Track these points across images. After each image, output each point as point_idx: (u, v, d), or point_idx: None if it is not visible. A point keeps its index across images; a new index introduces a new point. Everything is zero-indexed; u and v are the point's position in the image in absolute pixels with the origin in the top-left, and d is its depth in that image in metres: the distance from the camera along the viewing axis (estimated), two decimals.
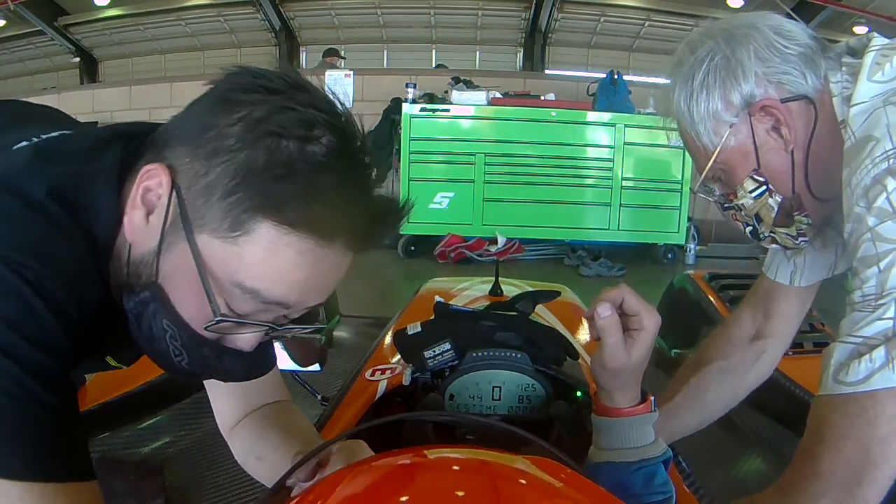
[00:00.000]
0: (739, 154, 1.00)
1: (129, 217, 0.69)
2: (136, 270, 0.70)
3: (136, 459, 1.83)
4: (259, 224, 0.65)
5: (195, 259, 0.66)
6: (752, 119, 0.97)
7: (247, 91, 0.67)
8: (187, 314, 0.69)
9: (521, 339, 1.13)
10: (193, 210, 0.66)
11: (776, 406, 2.12)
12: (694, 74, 0.99)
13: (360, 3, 11.11)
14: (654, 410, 0.91)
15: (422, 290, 2.07)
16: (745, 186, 1.01)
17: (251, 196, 0.64)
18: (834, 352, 0.86)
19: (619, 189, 5.80)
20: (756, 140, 0.98)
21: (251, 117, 0.65)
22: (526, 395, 1.10)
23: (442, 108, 5.75)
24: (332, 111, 0.68)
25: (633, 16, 10.69)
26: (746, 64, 0.96)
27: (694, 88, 0.99)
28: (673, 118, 1.05)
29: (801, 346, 2.20)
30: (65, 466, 0.63)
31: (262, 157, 0.64)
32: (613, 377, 0.88)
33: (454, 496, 0.51)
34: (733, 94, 0.97)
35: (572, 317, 1.68)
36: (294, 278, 0.67)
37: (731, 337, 1.28)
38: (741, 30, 0.99)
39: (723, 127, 0.99)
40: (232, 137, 0.65)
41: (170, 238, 0.67)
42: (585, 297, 2.03)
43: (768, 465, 2.04)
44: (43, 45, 11.61)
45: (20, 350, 0.60)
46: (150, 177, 0.68)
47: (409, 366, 1.14)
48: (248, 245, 0.65)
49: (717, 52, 0.98)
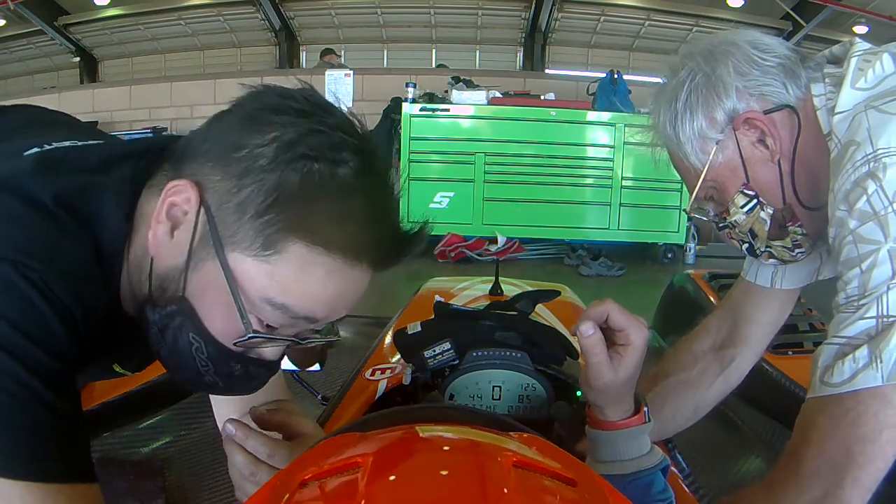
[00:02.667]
0: (728, 170, 1.00)
1: (153, 231, 0.69)
2: (160, 284, 0.71)
3: (136, 459, 1.83)
4: (291, 244, 0.67)
5: (226, 276, 0.67)
6: (737, 133, 0.98)
7: (276, 112, 0.68)
8: (215, 328, 0.70)
9: (521, 338, 1.13)
10: (224, 228, 0.67)
11: (776, 406, 2.13)
12: (677, 96, 1.00)
13: (360, 3, 11.10)
14: (648, 421, 0.89)
15: (422, 289, 2.07)
16: (736, 202, 1.01)
17: (284, 217, 0.66)
18: (821, 354, 0.86)
19: (618, 188, 5.79)
20: (743, 154, 0.99)
21: (283, 139, 0.66)
22: (526, 394, 1.10)
23: (442, 108, 5.75)
24: (357, 133, 0.70)
25: (633, 15, 10.68)
26: (727, 80, 0.97)
27: (678, 110, 1.00)
28: (660, 143, 1.05)
29: (801, 346, 2.21)
30: (66, 468, 0.63)
31: (294, 179, 0.66)
32: (601, 394, 0.86)
33: (439, 475, 0.51)
34: (716, 110, 0.98)
35: (572, 316, 1.68)
36: (323, 295, 0.69)
37: (693, 348, 1.26)
38: (719, 47, 1.00)
39: (709, 144, 0.99)
40: (264, 158, 0.66)
41: (198, 254, 0.69)
42: (585, 297, 2.03)
43: (768, 465, 2.04)
44: (43, 44, 11.60)
45: (24, 351, 0.61)
46: (177, 192, 0.68)
47: (409, 365, 1.14)
48: (280, 263, 0.67)
49: (698, 71, 0.99)
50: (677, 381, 1.21)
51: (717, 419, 2.27)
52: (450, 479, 0.51)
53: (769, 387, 2.11)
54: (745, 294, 1.22)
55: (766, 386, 2.11)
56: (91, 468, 0.66)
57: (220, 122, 0.71)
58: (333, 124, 0.69)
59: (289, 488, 0.51)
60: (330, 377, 2.03)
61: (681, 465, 1.25)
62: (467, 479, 0.50)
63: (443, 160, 5.72)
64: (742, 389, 1.31)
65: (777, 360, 2.15)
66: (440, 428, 0.65)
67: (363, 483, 0.48)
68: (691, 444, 1.82)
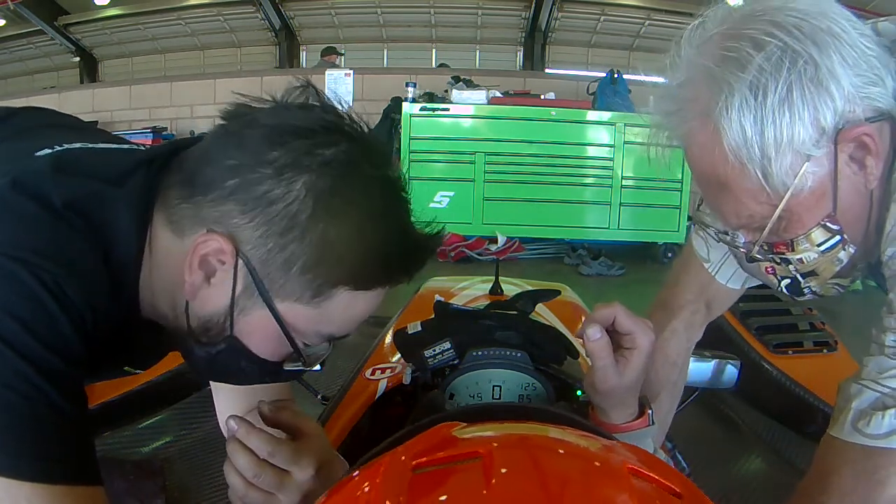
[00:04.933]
0: (813, 197, 0.75)
1: (188, 280, 0.70)
2: (203, 325, 0.73)
3: (136, 459, 1.84)
4: (338, 291, 0.70)
5: (279, 323, 0.71)
6: (838, 149, 0.73)
7: (307, 154, 0.67)
8: (265, 354, 0.74)
9: (522, 338, 1.13)
10: (270, 281, 0.69)
11: (776, 406, 2.13)
12: (768, 85, 0.70)
13: (360, 3, 11.10)
14: (652, 423, 0.88)
15: (422, 289, 2.07)
16: (812, 238, 0.78)
17: (330, 271, 0.69)
18: (856, 394, 0.78)
19: (618, 188, 5.79)
20: (838, 177, 0.74)
21: (318, 187, 0.67)
22: (526, 394, 1.10)
23: (442, 108, 5.75)
24: (374, 149, 0.72)
25: (633, 15, 10.69)
26: (838, 73, 0.71)
27: (770, 108, 0.71)
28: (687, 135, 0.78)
29: (801, 346, 2.21)
30: (73, 469, 0.63)
31: (334, 232, 0.68)
32: (606, 398, 0.85)
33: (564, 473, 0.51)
34: (825, 116, 0.71)
35: (572, 316, 1.67)
36: (362, 316, 0.75)
37: (670, 356, 1.17)
38: (820, 20, 0.72)
39: (800, 161, 0.73)
40: (303, 213, 0.67)
41: (243, 302, 0.71)
42: (585, 297, 2.03)
43: (768, 465, 2.04)
44: (43, 44, 11.61)
45: (35, 352, 0.61)
46: (208, 245, 0.68)
47: (410, 365, 1.14)
48: (328, 306, 0.71)
49: (800, 53, 0.70)
50: (666, 392, 1.16)
51: (717, 419, 2.27)
52: (575, 479, 0.50)
53: (769, 387, 2.11)
54: (718, 290, 1.12)
55: (766, 386, 2.11)
56: (97, 471, 0.66)
57: (238, 152, 0.69)
58: (359, 156, 0.69)
59: (403, 476, 0.49)
60: (330, 377, 2.03)
61: (681, 465, 1.25)
62: (590, 479, 0.49)
63: (443, 160, 5.72)
64: (742, 389, 1.30)
65: (777, 359, 2.15)
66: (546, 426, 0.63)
67: (490, 473, 0.47)
68: (692, 443, 1.82)
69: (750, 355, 2.15)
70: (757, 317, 2.25)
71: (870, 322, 0.82)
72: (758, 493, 1.93)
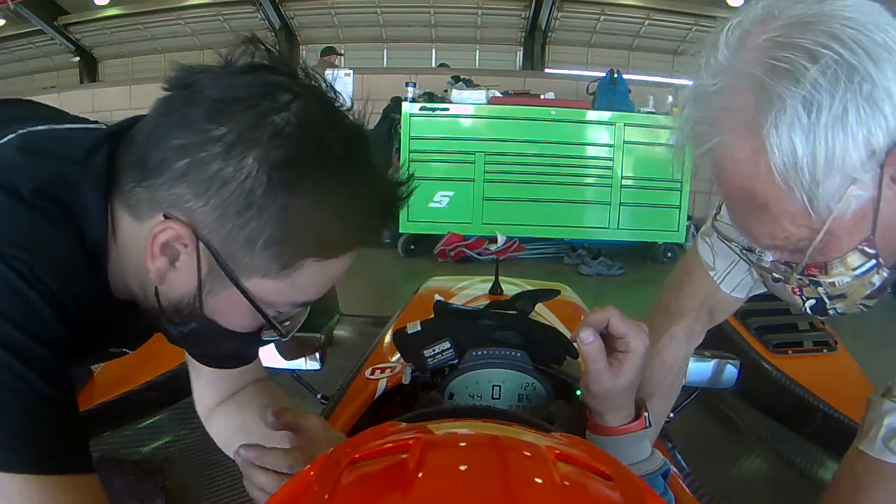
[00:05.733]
0: (853, 221, 0.71)
1: (152, 266, 0.68)
2: (174, 307, 0.72)
3: (136, 459, 1.84)
4: (306, 262, 0.68)
5: (248, 299, 0.69)
6: (884, 172, 0.69)
7: (255, 127, 0.64)
8: (238, 327, 0.73)
9: (521, 337, 1.13)
10: (234, 261, 0.68)
11: (776, 406, 2.13)
12: (822, 102, 0.64)
13: (360, 3, 11.09)
14: (648, 426, 0.89)
15: (421, 289, 2.07)
16: (847, 262, 0.74)
17: (296, 244, 0.67)
18: (888, 411, 0.77)
19: (618, 188, 5.79)
20: (881, 201, 0.70)
21: (273, 159, 0.64)
22: (526, 393, 1.10)
23: (442, 107, 5.74)
24: (332, 105, 0.69)
25: (632, 15, 10.67)
26: (893, 91, 0.66)
27: (825, 124, 0.65)
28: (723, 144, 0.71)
29: (801, 346, 2.21)
30: (64, 459, 0.63)
31: (293, 204, 0.65)
32: (601, 401, 0.86)
33: (488, 460, 0.52)
34: (877, 137, 0.66)
35: (572, 316, 1.67)
36: (334, 279, 0.73)
37: (666, 362, 1.14)
38: (875, 34, 0.66)
39: (846, 183, 0.68)
40: (258, 188, 0.64)
41: (210, 283, 0.69)
42: (585, 296, 2.03)
43: (768, 465, 2.04)
44: (43, 44, 11.60)
45: (17, 343, 0.61)
46: (165, 233, 0.66)
47: (409, 365, 1.14)
48: (298, 277, 0.69)
49: (857, 69, 0.65)
50: (659, 396, 1.15)
51: (717, 419, 2.27)
52: (496, 465, 0.51)
53: (769, 387, 2.11)
54: (722, 299, 1.11)
55: (766, 386, 2.11)
56: (89, 458, 0.66)
57: (184, 130, 0.65)
58: (322, 121, 0.66)
59: (338, 468, 0.51)
60: (329, 376, 2.03)
61: (681, 465, 1.25)
62: (513, 466, 0.51)
63: (443, 160, 5.71)
64: (742, 389, 1.30)
65: (777, 359, 2.16)
66: (483, 423, 0.66)
67: (413, 462, 0.49)
68: (692, 443, 1.82)
69: (750, 355, 2.15)
70: (757, 316, 2.25)
71: (870, 322, 0.81)
72: (758, 493, 1.93)
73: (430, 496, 0.47)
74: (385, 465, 0.52)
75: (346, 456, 0.53)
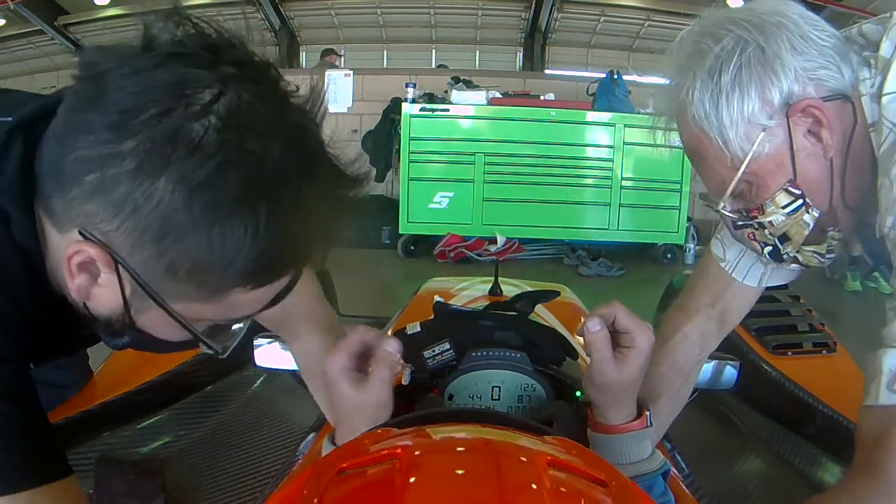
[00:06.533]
0: (773, 163, 0.87)
1: (72, 285, 0.62)
2: (105, 321, 0.67)
3: (135, 459, 1.83)
4: (234, 294, 0.63)
5: (177, 320, 0.65)
6: (790, 121, 0.85)
7: (168, 140, 0.55)
8: (176, 339, 0.69)
9: (521, 338, 1.13)
10: (158, 286, 0.62)
11: (776, 406, 2.13)
12: (722, 68, 0.85)
13: (360, 3, 11.10)
14: (650, 425, 0.89)
15: (421, 289, 2.07)
16: (777, 201, 0.89)
17: (220, 276, 0.60)
18: (885, 359, 0.80)
19: (618, 189, 5.79)
20: (794, 146, 0.86)
21: (188, 183, 0.55)
22: (525, 394, 1.10)
23: (442, 108, 5.74)
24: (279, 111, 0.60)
25: (632, 16, 10.68)
26: (785, 57, 0.84)
27: (723, 86, 0.85)
28: (675, 118, 0.93)
29: (801, 346, 2.21)
30: (35, 471, 0.62)
31: (216, 232, 0.57)
32: (603, 394, 0.87)
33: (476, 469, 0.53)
34: (772, 92, 0.84)
35: (572, 316, 1.68)
36: (269, 300, 0.68)
37: (678, 361, 1.15)
38: (770, 17, 0.86)
39: (756, 131, 0.86)
40: (175, 213, 0.56)
41: (136, 302, 0.64)
42: (585, 297, 2.03)
43: (768, 465, 2.04)
44: (43, 44, 11.60)
45: None
46: (81, 254, 0.60)
47: (409, 365, 1.13)
48: (227, 301, 0.64)
49: (749, 42, 0.84)
50: (667, 397, 1.15)
51: (717, 419, 2.27)
52: (486, 473, 0.51)
53: (769, 387, 2.11)
54: (734, 296, 1.15)
55: (766, 386, 2.11)
56: (62, 461, 0.65)
57: (90, 138, 0.57)
58: (234, 115, 0.56)
59: (326, 476, 0.52)
60: None
61: (680, 466, 1.25)
62: (503, 474, 0.51)
63: (442, 160, 5.72)
64: (742, 390, 1.30)
65: (777, 360, 2.15)
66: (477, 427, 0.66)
67: (402, 474, 0.49)
68: (691, 444, 1.82)
69: (749, 356, 2.15)
70: (756, 318, 2.25)
71: (869, 323, 0.82)
72: (757, 494, 1.93)
73: None
74: (372, 476, 0.52)
75: (334, 466, 0.53)
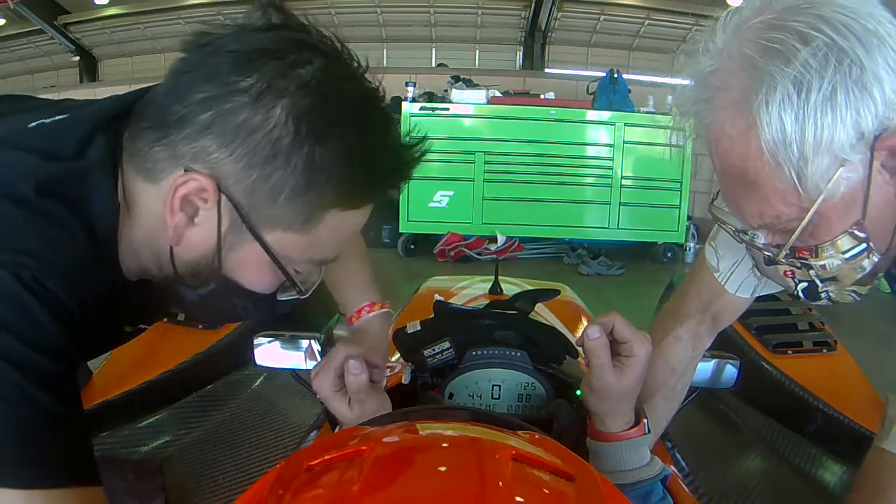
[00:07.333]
0: (843, 203, 0.72)
1: (171, 223, 0.68)
2: (192, 269, 0.71)
3: (135, 458, 1.83)
4: (329, 214, 0.69)
5: (270, 254, 0.70)
6: (874, 156, 0.70)
7: (282, 76, 0.65)
8: (259, 287, 0.73)
9: (521, 337, 1.13)
10: (257, 213, 0.68)
11: (776, 406, 2.13)
12: (812, 82, 0.66)
13: (360, 3, 11.09)
14: (648, 432, 0.90)
15: (421, 288, 2.07)
16: (838, 245, 0.75)
17: (321, 193, 0.67)
18: None
19: (618, 188, 5.79)
20: (871, 185, 0.71)
21: (299, 110, 0.65)
22: (525, 393, 1.10)
23: (441, 107, 5.74)
24: (352, 66, 0.71)
25: (632, 14, 10.66)
26: (883, 77, 0.67)
27: (814, 106, 0.66)
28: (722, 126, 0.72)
29: (801, 346, 2.21)
30: (69, 472, 0.62)
31: (319, 154, 0.66)
32: (602, 401, 0.87)
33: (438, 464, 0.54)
34: (867, 120, 0.67)
35: (572, 315, 1.68)
36: (351, 236, 0.75)
37: (670, 361, 1.15)
38: (867, 20, 0.68)
39: (835, 165, 0.69)
40: (285, 138, 0.65)
41: (231, 238, 0.69)
42: (585, 296, 2.03)
43: (768, 465, 2.04)
44: (43, 43, 11.59)
45: (19, 355, 0.60)
46: (188, 185, 0.66)
47: (409, 364, 1.13)
48: (319, 230, 0.70)
49: (846, 53, 0.66)
50: (662, 396, 1.15)
51: (717, 419, 2.27)
52: (448, 469, 0.53)
53: (769, 387, 2.11)
54: (726, 304, 1.13)
55: (766, 386, 2.12)
56: (94, 469, 0.65)
57: (208, 83, 0.66)
58: (340, 73, 0.68)
59: (295, 474, 0.53)
60: None
61: (680, 465, 1.25)
62: (466, 469, 0.52)
63: (442, 159, 5.71)
64: (742, 388, 1.30)
65: (777, 359, 2.16)
66: (445, 424, 0.67)
67: (364, 470, 0.50)
68: (691, 444, 1.82)
69: (749, 355, 2.15)
70: (756, 317, 2.25)
71: (869, 322, 0.82)
72: (757, 493, 1.93)
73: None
74: (336, 473, 0.53)
75: (302, 464, 0.54)
